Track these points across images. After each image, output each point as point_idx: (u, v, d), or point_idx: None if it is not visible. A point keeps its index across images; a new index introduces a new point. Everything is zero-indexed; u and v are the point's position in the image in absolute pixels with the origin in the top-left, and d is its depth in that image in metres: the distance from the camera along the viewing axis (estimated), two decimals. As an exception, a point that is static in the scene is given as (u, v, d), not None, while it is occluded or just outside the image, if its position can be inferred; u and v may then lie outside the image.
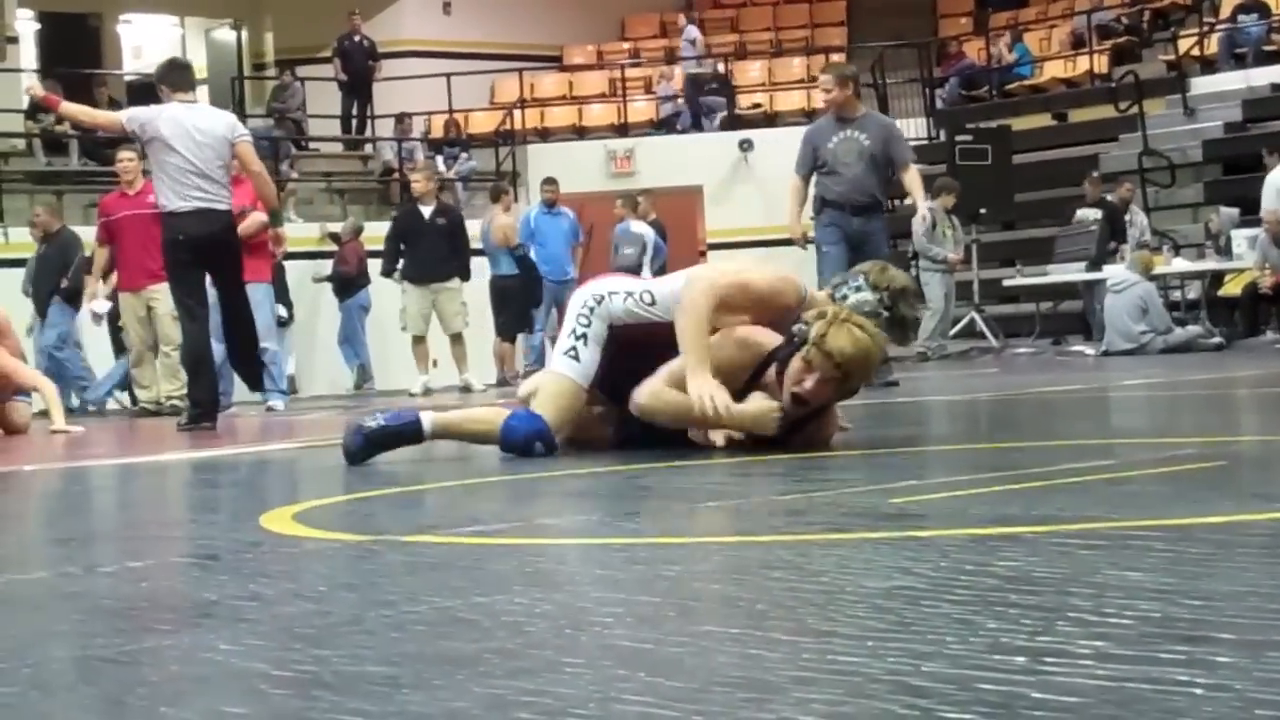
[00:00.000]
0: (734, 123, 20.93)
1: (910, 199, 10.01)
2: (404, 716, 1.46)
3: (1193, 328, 13.81)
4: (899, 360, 10.65)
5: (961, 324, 15.65)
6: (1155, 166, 17.81)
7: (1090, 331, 15.07)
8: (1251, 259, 14.64)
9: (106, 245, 11.82)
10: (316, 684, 1.62)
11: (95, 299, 12.44)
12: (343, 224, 17.11)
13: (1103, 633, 1.66)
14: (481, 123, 21.52)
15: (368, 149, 21.70)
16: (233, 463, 5.95)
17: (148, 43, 24.32)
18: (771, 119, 21.59)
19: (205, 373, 8.58)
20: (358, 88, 21.35)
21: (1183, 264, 15.41)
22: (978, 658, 1.57)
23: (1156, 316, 13.28)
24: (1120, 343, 13.09)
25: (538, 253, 15.44)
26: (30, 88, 11.13)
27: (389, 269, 14.36)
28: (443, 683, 1.59)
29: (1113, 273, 14.09)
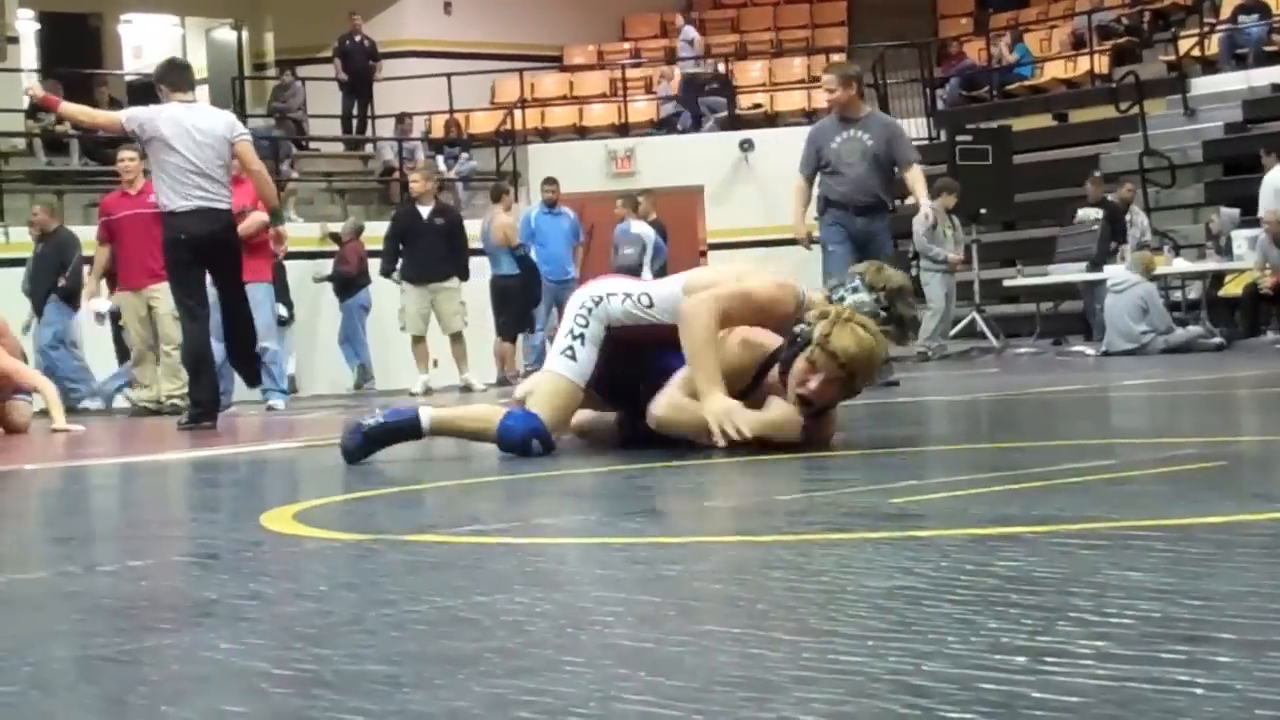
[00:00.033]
0: (734, 123, 20.93)
1: (911, 198, 9.99)
2: (405, 715, 1.46)
3: (1193, 328, 13.81)
4: (899, 360, 10.65)
5: (962, 324, 15.64)
6: (1156, 167, 17.81)
7: (1090, 332, 15.07)
8: (1252, 259, 14.65)
9: (107, 244, 11.83)
10: (317, 683, 1.62)
11: (95, 298, 12.44)
12: (343, 224, 17.11)
13: (1103, 633, 1.66)
14: (482, 123, 21.51)
15: (368, 149, 21.70)
16: (233, 462, 5.95)
17: (148, 43, 24.32)
18: (772, 119, 21.58)
19: (206, 372, 8.57)
20: (358, 87, 21.35)
21: (1183, 264, 15.42)
22: (978, 657, 1.57)
23: (1157, 317, 13.28)
24: (1121, 343, 13.09)
25: (538, 252, 15.44)
26: (29, 88, 11.12)
27: (388, 269, 14.37)
28: (443, 682, 1.59)
29: (1113, 273, 14.09)
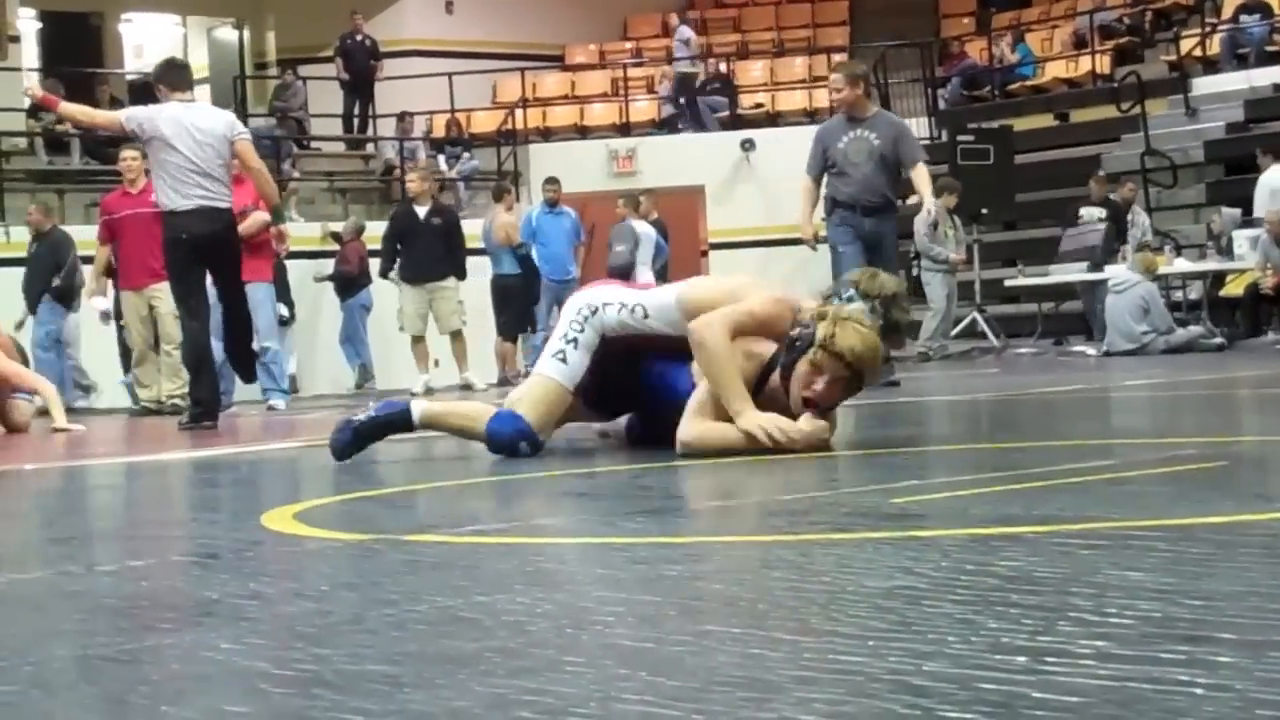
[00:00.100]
0: (736, 122, 20.92)
1: (914, 198, 9.97)
2: (405, 715, 1.46)
3: (1194, 328, 13.81)
4: (900, 360, 10.65)
5: (963, 324, 15.64)
6: (1157, 167, 17.80)
7: (1090, 332, 15.07)
8: (1253, 259, 14.65)
9: (107, 244, 11.83)
10: (318, 683, 1.62)
11: (95, 296, 12.45)
12: (344, 223, 17.11)
13: (1104, 633, 1.66)
14: (483, 122, 21.51)
15: (369, 148, 21.70)
16: (234, 462, 5.95)
17: (149, 42, 24.32)
18: (773, 119, 21.58)
19: (206, 372, 8.57)
20: (359, 87, 21.35)
21: (1184, 264, 15.42)
22: (979, 657, 1.57)
23: (1158, 317, 13.28)
24: (1122, 343, 13.09)
25: (539, 252, 15.43)
26: (29, 88, 11.10)
27: (386, 269, 14.37)
28: (444, 682, 1.59)
29: (1114, 273, 14.09)
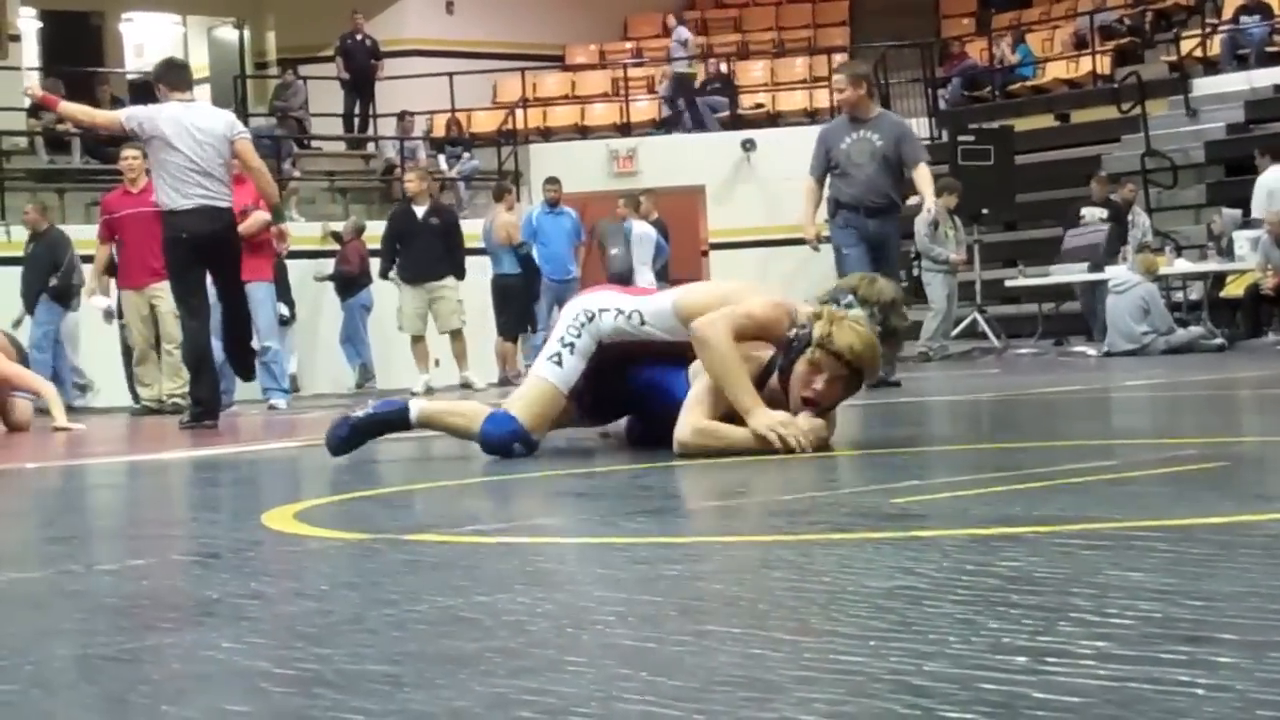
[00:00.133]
0: (736, 122, 20.92)
1: (915, 198, 9.97)
2: (405, 715, 1.46)
3: (1195, 329, 13.81)
4: (901, 360, 10.64)
5: (963, 324, 15.64)
6: (1157, 167, 17.81)
7: (1089, 332, 15.07)
8: (1253, 260, 14.65)
9: (108, 243, 11.83)
10: (318, 682, 1.62)
11: (95, 295, 12.45)
12: (345, 223, 17.12)
13: (1104, 633, 1.66)
14: (483, 122, 21.51)
15: (370, 148, 21.71)
16: (234, 461, 5.95)
17: (150, 41, 24.33)
18: (774, 119, 21.59)
19: (207, 371, 8.57)
20: (360, 86, 21.35)
21: (1185, 265, 15.42)
22: (979, 658, 1.57)
23: (1158, 317, 13.28)
24: (1122, 343, 13.09)
25: (540, 252, 15.43)
26: (29, 88, 11.10)
27: (386, 270, 14.37)
28: (444, 681, 1.59)
29: (1115, 273, 14.09)
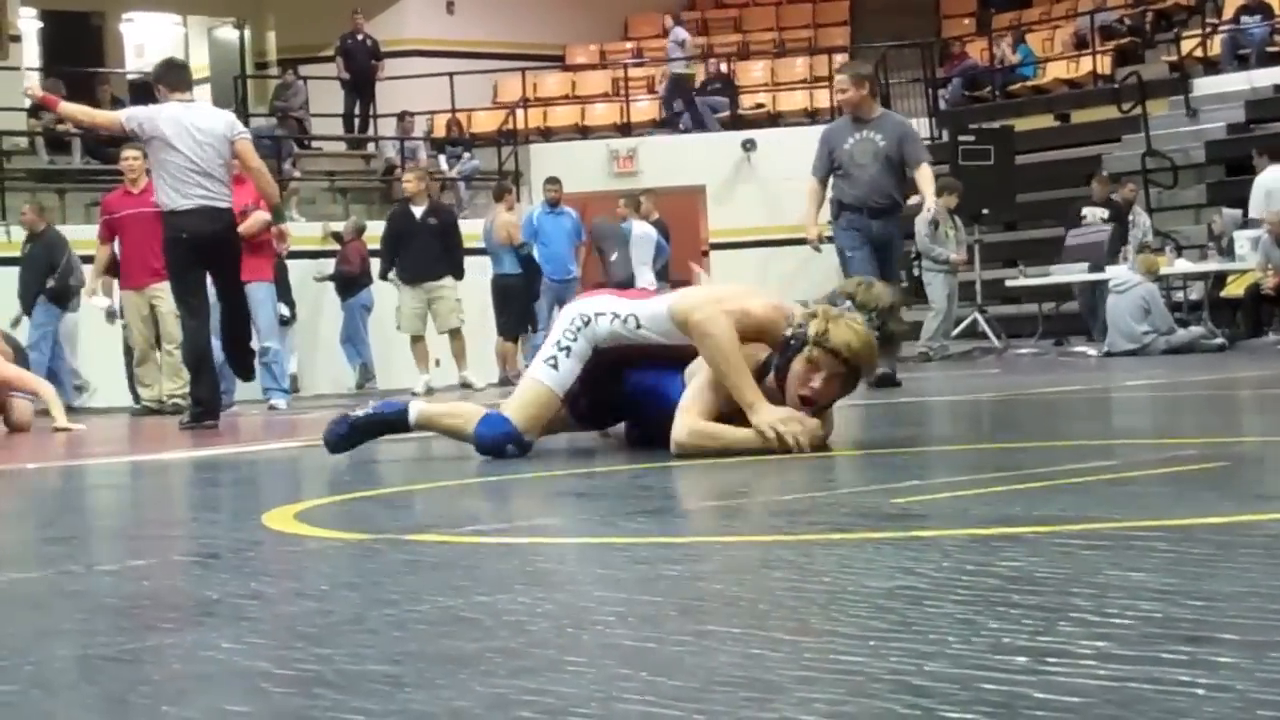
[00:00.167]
0: (737, 122, 20.92)
1: (915, 198, 9.97)
2: (406, 715, 1.46)
3: (1195, 329, 13.81)
4: (901, 360, 10.63)
5: (964, 324, 15.64)
6: (1158, 167, 17.80)
7: (1088, 332, 15.07)
8: (1254, 260, 14.64)
9: (108, 243, 11.83)
10: (319, 682, 1.62)
11: (95, 295, 12.45)
12: (345, 223, 17.11)
13: (1105, 633, 1.66)
14: (484, 122, 21.51)
15: (370, 148, 21.71)
16: (235, 461, 5.95)
17: (150, 41, 24.33)
18: (774, 119, 21.59)
19: (207, 371, 8.57)
20: (360, 87, 21.35)
21: (1185, 265, 15.41)
22: (980, 658, 1.57)
23: (1159, 317, 13.28)
24: (1122, 343, 13.09)
25: (541, 252, 15.43)
26: (28, 88, 11.10)
27: (386, 271, 14.37)
28: (445, 681, 1.59)
29: (1115, 273, 14.09)
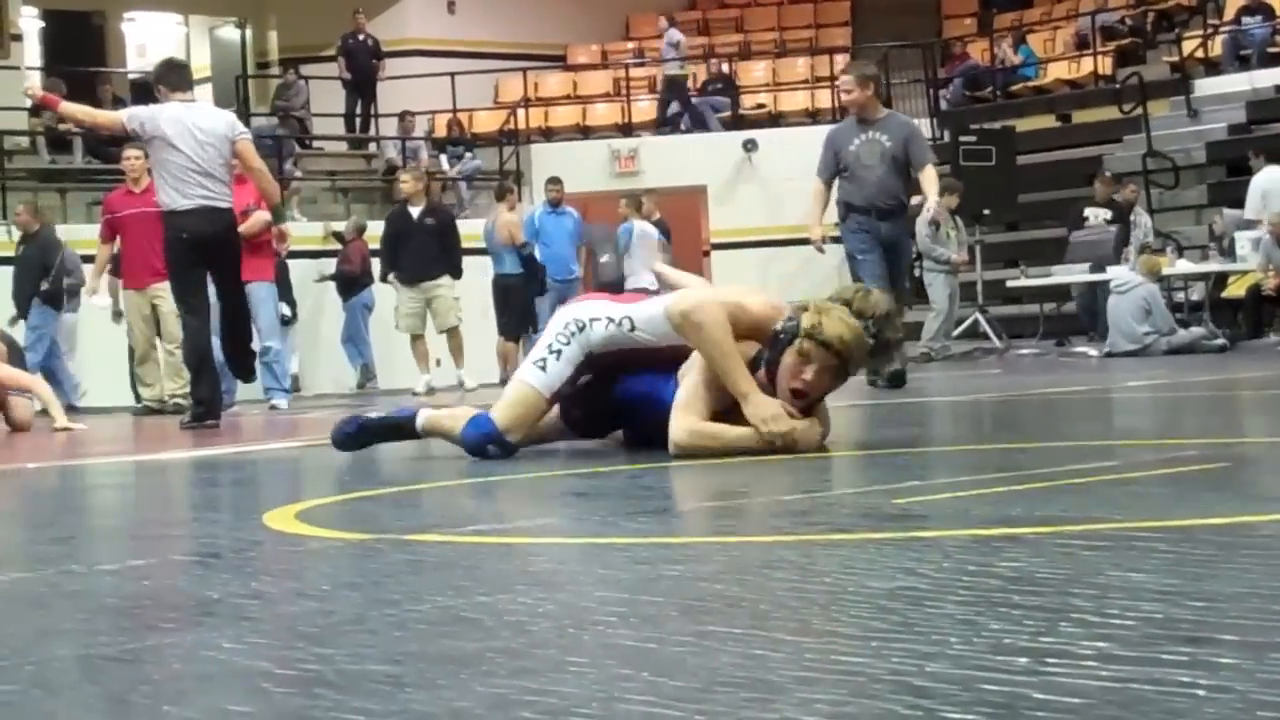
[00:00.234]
0: (738, 123, 20.92)
1: (917, 198, 9.97)
2: (407, 715, 1.46)
3: (1196, 329, 13.81)
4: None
5: (965, 325, 15.64)
6: (1159, 168, 17.80)
7: (1088, 332, 15.07)
8: (1255, 261, 14.65)
9: (108, 242, 11.84)
10: (319, 682, 1.62)
11: (97, 294, 12.46)
12: (346, 223, 17.12)
13: (1105, 634, 1.66)
14: (485, 122, 21.51)
15: (372, 148, 21.71)
16: (235, 461, 5.95)
17: (152, 41, 24.34)
18: (775, 119, 21.59)
19: (207, 371, 8.57)
20: (362, 86, 21.35)
21: (1186, 265, 15.42)
22: (981, 658, 1.57)
23: (1160, 318, 13.28)
24: (1124, 344, 13.09)
25: (542, 252, 15.44)
26: (29, 88, 11.10)
27: (386, 272, 14.36)
28: (446, 682, 1.59)
29: (1117, 274, 14.09)
